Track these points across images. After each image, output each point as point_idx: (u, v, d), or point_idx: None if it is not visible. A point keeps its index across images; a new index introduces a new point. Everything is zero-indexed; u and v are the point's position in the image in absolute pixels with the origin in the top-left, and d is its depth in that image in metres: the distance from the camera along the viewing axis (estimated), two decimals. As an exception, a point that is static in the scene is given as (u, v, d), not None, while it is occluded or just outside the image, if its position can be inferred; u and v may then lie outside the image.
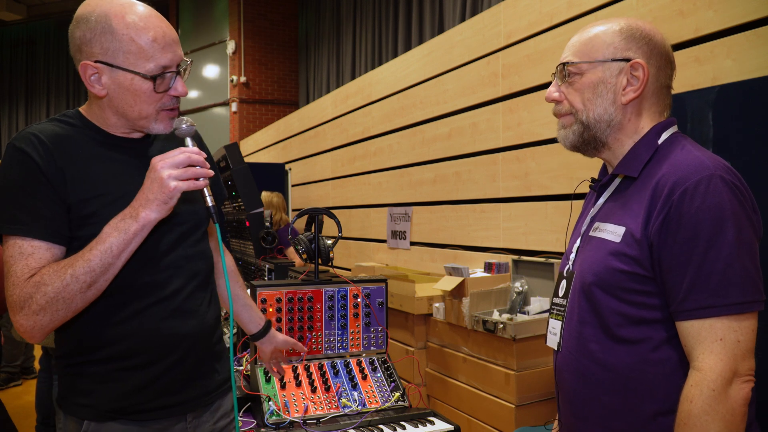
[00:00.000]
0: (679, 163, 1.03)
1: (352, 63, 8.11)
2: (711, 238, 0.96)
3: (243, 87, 9.71)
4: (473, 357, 2.81)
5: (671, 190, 1.00)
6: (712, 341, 0.95)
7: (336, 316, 1.95)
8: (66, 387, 1.27)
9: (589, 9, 2.93)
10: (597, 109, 1.13)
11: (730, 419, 0.94)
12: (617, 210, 1.12)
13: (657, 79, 1.13)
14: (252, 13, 9.78)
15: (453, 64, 4.04)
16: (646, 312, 1.04)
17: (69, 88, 12.57)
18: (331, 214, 2.08)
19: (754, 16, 2.19)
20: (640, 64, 1.10)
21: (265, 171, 6.51)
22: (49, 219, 1.16)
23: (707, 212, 0.96)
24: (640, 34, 1.12)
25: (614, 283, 1.05)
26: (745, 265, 0.96)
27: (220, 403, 1.42)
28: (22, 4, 11.62)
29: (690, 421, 0.95)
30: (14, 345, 4.75)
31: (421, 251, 4.41)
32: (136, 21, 1.18)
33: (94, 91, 1.22)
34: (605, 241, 1.10)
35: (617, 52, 1.11)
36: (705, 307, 0.96)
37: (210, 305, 1.40)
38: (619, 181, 1.16)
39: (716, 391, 0.94)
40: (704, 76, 2.34)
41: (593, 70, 1.12)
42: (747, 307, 0.96)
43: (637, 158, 1.11)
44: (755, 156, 1.92)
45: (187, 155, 1.17)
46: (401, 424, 1.70)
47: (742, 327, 0.96)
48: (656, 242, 1.01)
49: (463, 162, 3.90)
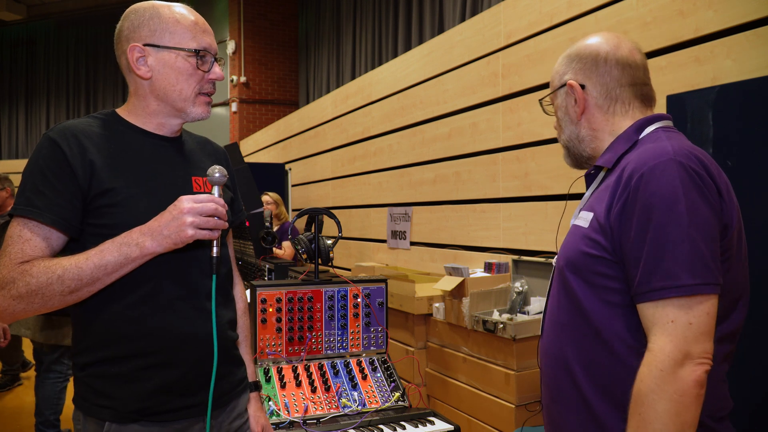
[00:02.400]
0: (644, 151, 1.07)
1: (352, 63, 8.11)
2: (662, 221, 0.97)
3: (243, 87, 9.71)
4: (473, 357, 2.81)
5: (630, 176, 1.03)
6: (664, 323, 0.96)
7: (336, 316, 1.95)
8: (85, 388, 1.27)
9: (589, 9, 2.93)
10: (565, 132, 1.25)
11: (678, 399, 0.93)
12: (593, 199, 1.16)
13: (604, 86, 1.19)
14: (252, 13, 9.78)
15: (453, 64, 4.04)
16: (610, 296, 1.06)
17: (69, 88, 12.56)
18: (331, 214, 2.08)
19: (754, 16, 2.19)
20: (570, 84, 1.21)
21: (265, 171, 6.51)
22: (62, 207, 1.19)
23: (659, 195, 0.98)
24: (576, 54, 1.22)
25: (582, 266, 1.09)
26: (697, 248, 0.96)
27: (236, 403, 1.43)
28: (22, 4, 11.63)
29: (639, 399, 0.96)
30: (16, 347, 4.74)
31: (421, 251, 4.41)
32: (181, 9, 1.34)
33: (140, 73, 1.29)
34: (578, 227, 1.14)
35: (561, 77, 1.24)
36: (657, 289, 0.97)
37: (227, 308, 1.41)
38: (603, 174, 1.22)
39: (664, 371, 0.94)
40: (704, 76, 2.34)
41: (556, 100, 1.26)
42: (698, 289, 0.95)
43: (612, 151, 1.17)
44: (755, 156, 1.92)
45: (215, 206, 1.20)
46: (401, 424, 1.70)
47: (693, 309, 0.95)
48: (616, 227, 1.04)
49: (463, 162, 3.90)
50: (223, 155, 1.53)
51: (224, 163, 1.49)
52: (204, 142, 1.51)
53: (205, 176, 1.35)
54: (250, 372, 1.54)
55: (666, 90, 2.42)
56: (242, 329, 1.55)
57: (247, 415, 1.48)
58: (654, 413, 0.94)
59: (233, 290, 1.52)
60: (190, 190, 1.34)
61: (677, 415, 0.93)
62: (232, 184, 1.49)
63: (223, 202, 1.23)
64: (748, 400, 1.93)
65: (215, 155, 1.49)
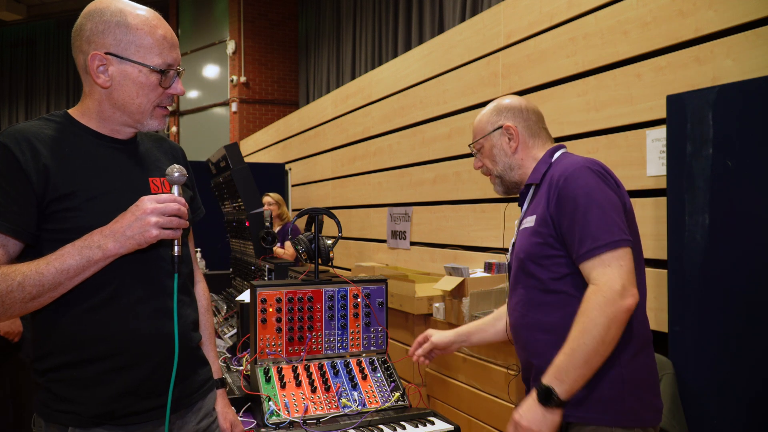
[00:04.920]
0: (563, 164, 1.50)
1: (352, 63, 8.11)
2: (585, 205, 1.38)
3: (243, 87, 9.71)
4: (473, 357, 2.81)
5: (558, 180, 1.45)
6: (603, 268, 1.34)
7: (336, 316, 1.95)
8: (47, 394, 1.24)
9: (589, 9, 2.93)
10: (500, 164, 1.65)
11: (612, 317, 1.30)
12: (531, 207, 1.56)
13: (528, 127, 1.62)
14: (252, 13, 9.78)
15: (453, 64, 4.04)
16: (562, 269, 1.44)
17: (69, 88, 12.56)
18: (331, 214, 2.08)
19: (754, 16, 2.19)
20: (509, 125, 1.62)
21: (265, 171, 6.51)
22: (17, 214, 1.16)
23: (579, 189, 1.40)
24: (503, 107, 1.64)
25: (536, 253, 1.48)
26: (611, 218, 1.36)
27: (202, 403, 1.42)
28: (22, 4, 11.63)
29: (585, 313, 1.32)
30: None
31: (421, 251, 4.41)
32: (150, 19, 1.27)
33: (99, 81, 1.24)
34: (527, 228, 1.53)
35: (494, 124, 1.64)
36: (592, 249, 1.35)
37: (189, 308, 1.40)
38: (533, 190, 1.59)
39: (606, 297, 1.30)
40: (704, 76, 2.34)
41: (488, 141, 1.65)
42: (619, 243, 1.35)
43: (537, 171, 1.58)
44: (755, 156, 1.92)
45: (178, 206, 1.19)
46: (401, 424, 1.70)
47: (620, 256, 1.34)
48: (555, 215, 1.44)
49: (463, 162, 3.90)
50: (180, 152, 1.50)
51: (182, 160, 1.47)
52: (159, 140, 1.47)
53: (162, 177, 1.33)
54: (215, 370, 1.53)
55: (666, 90, 2.42)
56: (205, 327, 1.53)
57: (215, 415, 1.47)
58: (593, 324, 1.30)
59: (195, 288, 1.50)
60: (147, 192, 1.31)
61: (607, 328, 1.30)
62: (190, 182, 1.47)
63: (184, 201, 1.22)
64: (744, 399, 1.93)
65: (172, 152, 1.47)
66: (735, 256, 1.96)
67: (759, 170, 1.91)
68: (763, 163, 1.90)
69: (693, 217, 2.08)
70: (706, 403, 2.02)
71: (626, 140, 2.67)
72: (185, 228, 1.23)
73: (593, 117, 2.87)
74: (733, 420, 1.96)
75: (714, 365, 2.01)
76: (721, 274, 1.99)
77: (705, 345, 2.04)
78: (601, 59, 2.85)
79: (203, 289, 1.58)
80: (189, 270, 1.45)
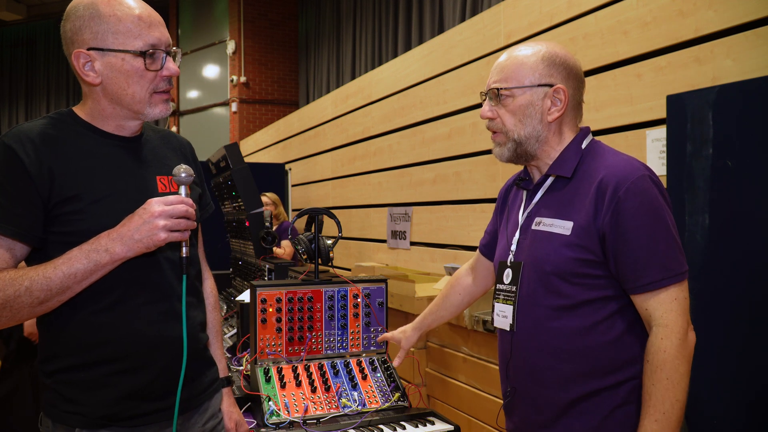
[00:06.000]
0: (614, 165, 1.24)
1: (352, 63, 8.11)
2: (652, 226, 1.19)
3: (243, 87, 9.71)
4: (473, 357, 2.81)
5: (615, 189, 1.20)
6: (670, 302, 1.18)
7: (336, 316, 1.95)
8: (54, 395, 1.24)
9: (589, 9, 2.93)
10: (527, 128, 1.31)
11: (689, 359, 1.19)
12: (559, 206, 1.30)
13: (574, 98, 1.32)
14: (252, 13, 9.78)
15: (453, 64, 4.04)
16: (595, 292, 1.24)
17: (69, 88, 12.56)
18: (331, 214, 2.08)
19: (754, 16, 2.19)
20: (562, 88, 1.28)
21: (265, 171, 6.51)
22: (21, 217, 1.15)
23: (646, 206, 1.19)
24: (559, 61, 1.30)
25: (568, 269, 1.24)
26: (677, 244, 1.21)
27: (208, 404, 1.42)
28: (22, 4, 11.62)
29: (666, 365, 1.17)
30: None
31: (421, 251, 4.41)
32: (122, 3, 1.22)
33: (89, 79, 1.22)
34: (554, 234, 1.27)
35: (542, 78, 1.29)
36: (660, 280, 1.18)
37: (197, 309, 1.39)
38: (551, 180, 1.34)
39: (681, 339, 1.18)
40: (704, 76, 2.34)
41: (523, 94, 1.29)
42: (685, 274, 1.21)
43: (568, 161, 1.30)
44: (755, 156, 1.92)
45: (185, 208, 1.18)
46: (401, 424, 1.70)
47: (684, 289, 1.21)
48: (608, 232, 1.20)
49: (463, 162, 3.90)
50: (189, 148, 1.48)
51: (189, 156, 1.45)
52: (167, 135, 1.44)
53: (170, 175, 1.31)
54: (222, 368, 1.51)
55: (666, 90, 2.42)
56: (213, 325, 1.52)
57: (221, 416, 1.46)
58: (678, 375, 1.16)
59: (203, 286, 1.49)
60: (155, 190, 1.30)
61: (689, 372, 1.18)
62: (198, 178, 1.45)
63: (191, 202, 1.20)
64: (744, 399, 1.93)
65: (180, 149, 1.44)
66: (735, 256, 1.96)
67: (759, 170, 1.91)
68: (763, 163, 1.90)
69: (693, 217, 2.08)
70: (706, 403, 2.02)
71: (626, 140, 2.67)
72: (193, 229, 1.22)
73: (593, 117, 2.87)
74: (733, 420, 1.96)
75: (714, 365, 2.01)
76: (721, 274, 1.99)
77: (705, 345, 2.04)
78: (601, 59, 2.85)
79: (211, 287, 1.56)
80: (197, 270, 1.44)
